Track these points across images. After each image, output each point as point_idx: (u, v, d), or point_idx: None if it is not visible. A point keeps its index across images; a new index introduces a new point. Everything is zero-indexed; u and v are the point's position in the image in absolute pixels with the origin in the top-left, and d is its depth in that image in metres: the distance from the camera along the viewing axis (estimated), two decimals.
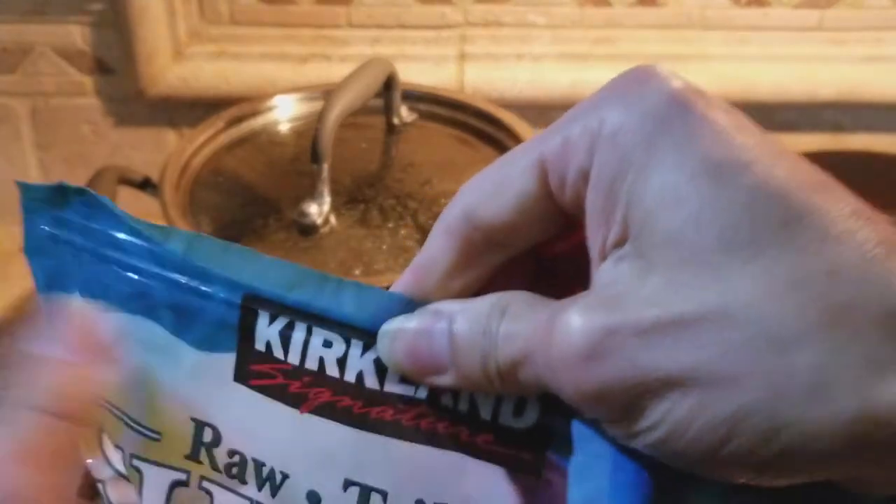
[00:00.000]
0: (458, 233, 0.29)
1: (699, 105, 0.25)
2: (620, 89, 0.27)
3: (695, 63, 0.94)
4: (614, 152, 0.26)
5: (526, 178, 0.28)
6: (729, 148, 0.25)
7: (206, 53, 0.95)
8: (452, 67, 0.94)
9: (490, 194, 0.28)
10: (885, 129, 0.98)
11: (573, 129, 0.27)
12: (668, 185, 0.25)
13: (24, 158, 0.99)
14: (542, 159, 0.27)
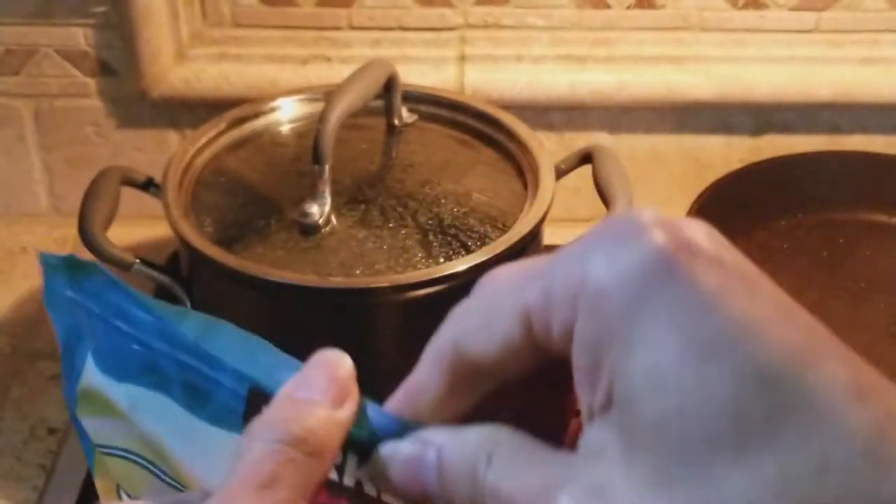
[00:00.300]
0: (448, 363, 0.29)
1: (685, 267, 0.25)
2: (605, 241, 0.26)
3: (692, 65, 0.95)
4: (597, 319, 0.25)
5: (511, 325, 0.28)
6: (714, 322, 0.24)
7: (209, 55, 0.95)
8: (452, 69, 0.95)
9: (478, 331, 0.29)
10: (882, 131, 0.98)
11: (555, 282, 0.26)
12: (652, 367, 0.24)
13: (27, 159, 1.00)
14: (526, 310, 0.27)
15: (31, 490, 0.75)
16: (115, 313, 0.36)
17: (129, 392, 0.36)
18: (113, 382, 0.37)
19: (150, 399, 0.35)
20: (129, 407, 0.36)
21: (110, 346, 0.36)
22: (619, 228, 0.26)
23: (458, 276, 0.68)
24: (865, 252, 0.93)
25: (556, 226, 0.89)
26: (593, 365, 0.25)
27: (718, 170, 0.97)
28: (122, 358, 0.36)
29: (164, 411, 0.35)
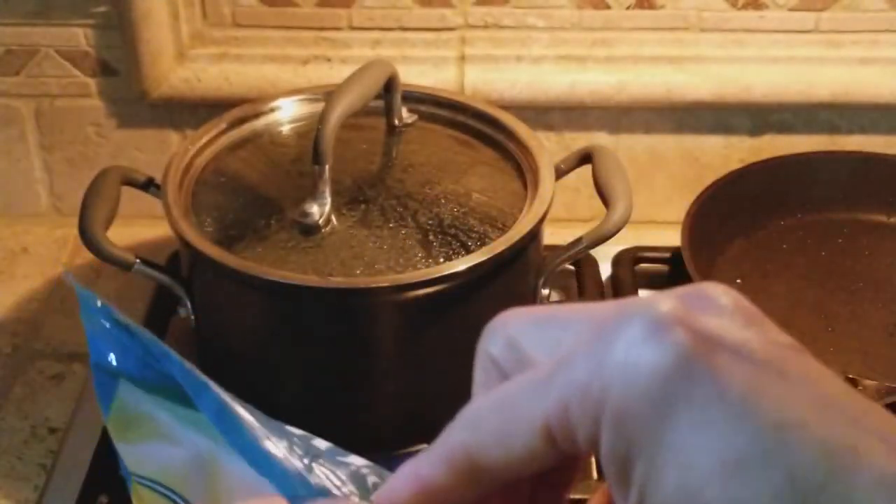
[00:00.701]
0: (458, 466, 0.28)
1: (709, 369, 0.24)
2: (620, 345, 0.25)
3: (692, 65, 0.95)
4: (621, 435, 0.24)
5: (532, 438, 0.26)
6: (744, 433, 0.23)
7: (209, 55, 0.95)
8: (452, 69, 0.95)
9: (493, 443, 0.27)
10: (881, 131, 0.99)
11: (573, 395, 0.25)
12: (683, 484, 0.23)
13: (28, 159, 1.00)
14: (546, 423, 0.26)
15: (32, 489, 0.75)
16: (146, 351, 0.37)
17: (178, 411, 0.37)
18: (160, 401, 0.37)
19: (199, 420, 0.36)
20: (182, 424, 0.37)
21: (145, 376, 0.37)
22: (634, 330, 0.25)
23: (458, 276, 0.69)
24: (864, 252, 0.94)
25: (555, 226, 0.89)
26: (623, 476, 0.25)
27: (718, 170, 0.97)
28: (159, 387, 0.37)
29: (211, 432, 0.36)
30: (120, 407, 0.39)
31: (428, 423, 0.76)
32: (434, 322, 0.71)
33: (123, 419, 0.39)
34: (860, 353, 0.84)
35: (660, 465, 0.24)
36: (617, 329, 0.25)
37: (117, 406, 0.39)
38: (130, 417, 0.39)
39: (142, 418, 0.39)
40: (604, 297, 0.90)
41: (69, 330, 0.89)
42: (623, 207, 0.75)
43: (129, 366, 0.38)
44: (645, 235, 0.96)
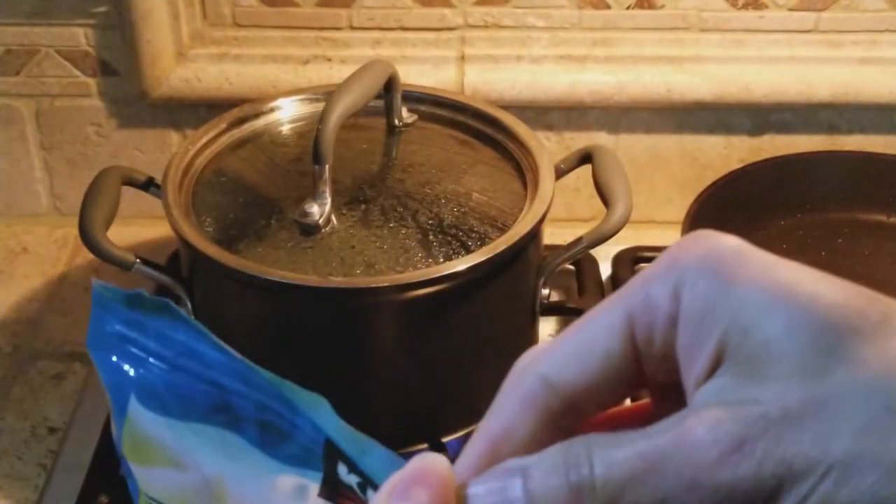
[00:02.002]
0: (538, 401, 0.28)
1: (751, 251, 0.28)
2: (686, 249, 0.28)
3: (691, 65, 0.95)
4: (699, 294, 0.27)
5: (612, 336, 0.28)
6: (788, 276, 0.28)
7: (209, 55, 0.95)
8: (452, 69, 0.95)
9: (572, 358, 0.28)
10: (880, 131, 0.99)
11: (653, 288, 0.28)
12: (757, 305, 0.26)
13: (28, 159, 1.00)
14: (629, 315, 0.28)
15: (32, 489, 0.75)
16: (181, 352, 0.35)
17: (194, 431, 0.36)
18: (172, 423, 0.36)
19: (218, 437, 0.35)
20: (194, 445, 0.36)
21: (173, 385, 0.36)
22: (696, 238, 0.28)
23: (458, 275, 0.69)
24: (864, 252, 0.94)
25: (555, 226, 0.89)
26: (700, 330, 0.27)
27: (718, 170, 0.97)
28: (186, 397, 0.35)
29: (231, 450, 0.35)
30: (130, 429, 0.38)
31: (428, 422, 0.76)
32: (434, 322, 0.71)
33: (135, 442, 0.39)
34: None
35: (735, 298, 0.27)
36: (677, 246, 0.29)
37: (128, 428, 0.38)
38: (140, 441, 0.38)
39: (150, 442, 0.38)
40: (604, 297, 0.89)
41: (69, 330, 0.89)
42: (623, 207, 0.75)
43: (150, 373, 0.37)
44: (645, 235, 0.96)
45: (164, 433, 0.37)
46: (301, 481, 0.34)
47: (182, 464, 0.37)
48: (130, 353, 0.37)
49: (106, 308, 0.37)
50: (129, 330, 0.37)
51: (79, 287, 0.94)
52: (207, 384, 0.35)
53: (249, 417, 0.35)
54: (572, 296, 0.92)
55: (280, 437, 0.34)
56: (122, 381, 0.37)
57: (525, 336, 0.79)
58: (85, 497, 0.73)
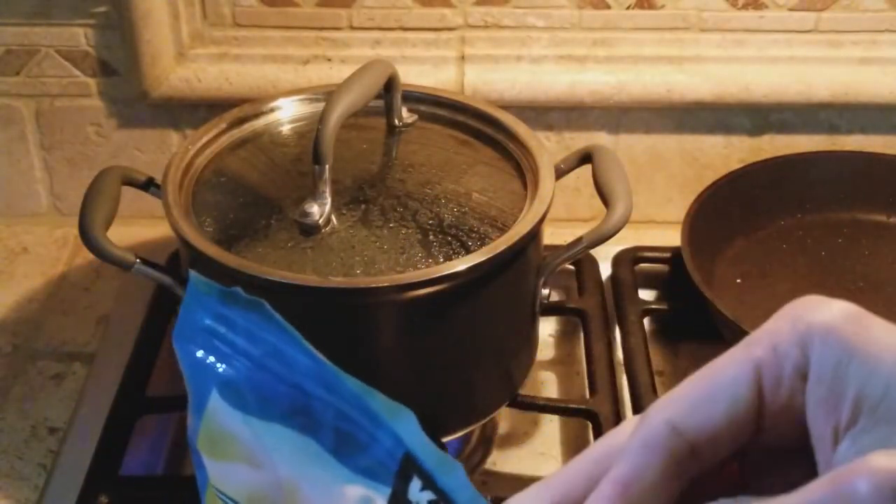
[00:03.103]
0: (664, 446, 0.29)
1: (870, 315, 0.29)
2: (809, 309, 0.29)
3: (691, 65, 0.95)
4: (832, 347, 0.28)
5: (740, 384, 0.29)
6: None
7: (209, 55, 0.95)
8: (452, 69, 0.95)
9: (699, 404, 0.29)
10: (880, 131, 0.99)
11: (780, 341, 0.29)
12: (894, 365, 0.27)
13: (28, 159, 1.00)
14: (757, 365, 0.29)
15: (32, 489, 0.75)
16: (268, 352, 0.35)
17: (272, 431, 0.36)
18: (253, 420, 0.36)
19: (294, 440, 0.35)
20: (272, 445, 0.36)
21: (257, 384, 0.36)
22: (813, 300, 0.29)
23: (458, 275, 0.69)
24: (864, 252, 0.94)
25: (555, 226, 0.89)
26: (834, 385, 0.28)
27: (718, 170, 0.97)
28: (268, 397, 0.36)
29: (306, 454, 0.35)
30: (208, 423, 0.38)
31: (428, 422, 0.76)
32: (434, 322, 0.71)
33: (211, 436, 0.39)
34: None
35: (872, 352, 0.27)
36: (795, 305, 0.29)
37: (206, 421, 0.38)
38: (217, 435, 0.38)
39: (227, 437, 0.38)
40: (604, 297, 0.90)
41: (69, 330, 0.89)
42: (623, 207, 0.75)
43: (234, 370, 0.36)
44: (645, 235, 0.96)
45: (243, 430, 0.37)
46: (368, 493, 0.34)
47: (258, 462, 0.37)
48: (217, 348, 0.37)
49: (199, 301, 0.37)
50: (219, 325, 0.37)
51: (79, 287, 0.94)
52: (290, 386, 0.35)
53: (328, 424, 0.35)
54: (572, 296, 0.92)
55: (355, 448, 0.35)
56: (206, 375, 0.37)
57: (525, 336, 0.79)
58: (85, 497, 0.73)
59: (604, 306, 0.89)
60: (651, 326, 0.90)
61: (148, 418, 0.81)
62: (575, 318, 0.90)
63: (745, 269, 0.92)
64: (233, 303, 0.36)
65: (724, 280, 0.90)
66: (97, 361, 0.86)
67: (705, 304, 0.82)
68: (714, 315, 0.81)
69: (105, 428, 0.78)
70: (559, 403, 0.82)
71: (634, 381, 0.81)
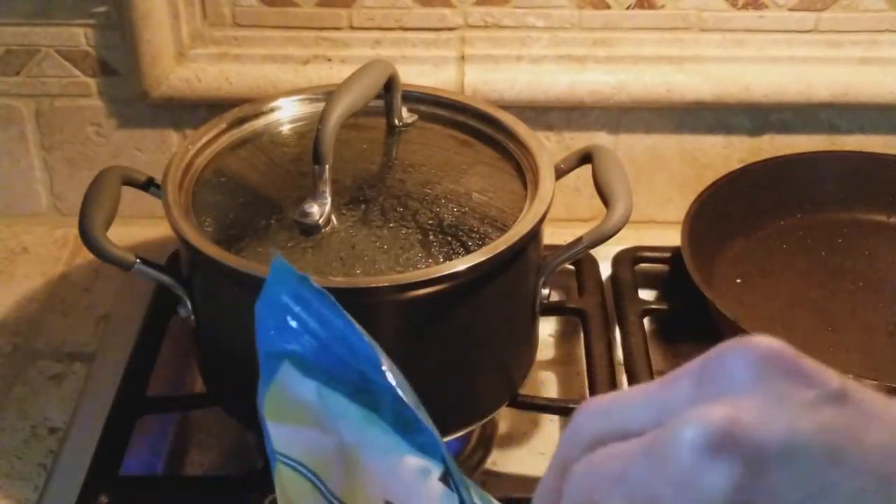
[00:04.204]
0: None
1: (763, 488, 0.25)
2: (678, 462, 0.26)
3: (691, 65, 0.95)
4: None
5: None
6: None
7: (209, 55, 0.95)
8: (452, 69, 0.95)
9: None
10: (880, 131, 0.99)
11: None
12: None
13: (28, 159, 1.00)
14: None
15: (32, 489, 0.75)
16: (336, 336, 0.38)
17: (339, 401, 0.38)
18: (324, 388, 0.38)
19: (360, 415, 0.38)
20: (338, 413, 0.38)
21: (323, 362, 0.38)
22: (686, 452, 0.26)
23: (458, 275, 0.69)
24: (864, 252, 0.94)
25: (555, 226, 0.89)
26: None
27: (718, 170, 0.97)
28: (334, 375, 0.38)
29: (370, 425, 0.38)
30: (277, 389, 0.40)
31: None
32: (434, 322, 0.71)
33: (279, 401, 0.40)
34: (860, 353, 0.84)
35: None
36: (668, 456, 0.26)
37: (275, 388, 0.40)
38: (286, 400, 0.40)
39: (296, 402, 0.40)
40: (604, 297, 0.90)
41: (69, 330, 0.89)
42: (623, 207, 0.75)
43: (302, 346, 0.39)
44: (645, 235, 0.96)
45: (313, 396, 0.40)
46: (426, 465, 0.36)
47: (325, 426, 0.39)
48: (291, 325, 0.39)
49: (280, 279, 0.40)
50: (295, 304, 0.39)
51: (79, 287, 0.94)
52: (353, 370, 0.38)
53: (388, 405, 0.37)
54: (572, 296, 0.92)
55: (412, 428, 0.37)
56: (278, 347, 0.39)
57: (525, 336, 0.79)
58: (85, 497, 0.73)
59: (604, 306, 0.89)
60: (651, 326, 0.90)
61: (148, 418, 0.81)
62: (575, 318, 0.90)
63: (745, 269, 0.92)
64: (308, 287, 0.39)
65: (724, 280, 0.90)
66: (97, 361, 0.86)
67: (705, 304, 0.82)
68: (714, 315, 0.81)
69: (105, 428, 0.78)
70: (559, 403, 0.82)
71: (634, 381, 0.81)
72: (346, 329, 0.38)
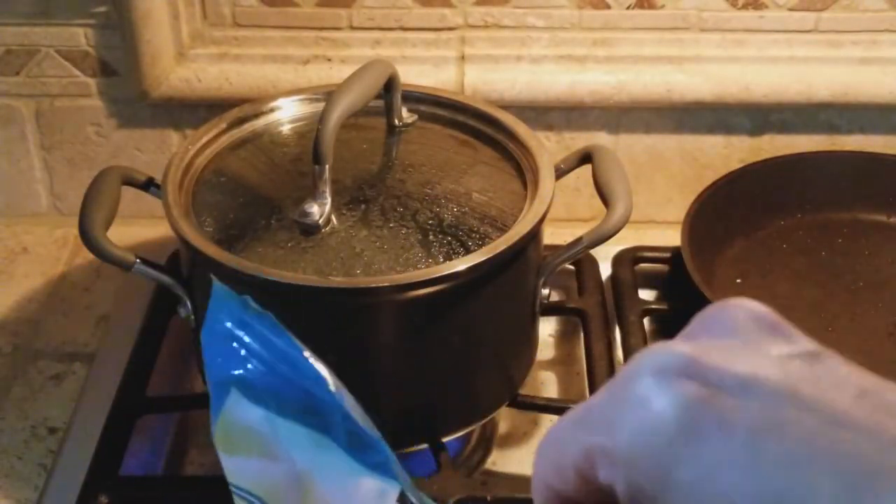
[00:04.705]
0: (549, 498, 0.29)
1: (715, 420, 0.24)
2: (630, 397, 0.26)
3: (691, 65, 0.95)
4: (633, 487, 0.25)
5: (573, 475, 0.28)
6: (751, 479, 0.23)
7: (209, 55, 0.95)
8: (452, 69, 0.95)
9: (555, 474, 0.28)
10: (880, 131, 0.99)
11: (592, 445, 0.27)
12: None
13: (28, 159, 1.00)
14: (577, 467, 0.27)
15: (32, 489, 0.75)
16: (280, 357, 0.38)
17: (288, 427, 0.38)
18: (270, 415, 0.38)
19: (310, 436, 0.37)
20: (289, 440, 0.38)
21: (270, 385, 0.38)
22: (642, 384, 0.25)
23: (458, 275, 0.69)
24: (864, 252, 0.94)
25: (555, 226, 0.89)
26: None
27: (718, 170, 0.97)
28: (282, 397, 0.38)
29: (322, 448, 0.37)
30: (227, 418, 0.40)
31: (428, 422, 0.76)
32: (434, 322, 0.71)
33: (229, 431, 0.40)
34: (860, 353, 0.84)
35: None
36: (629, 380, 0.26)
37: (224, 417, 0.40)
38: (236, 429, 0.40)
39: (246, 431, 0.39)
40: (604, 297, 0.90)
41: (69, 330, 0.89)
42: (623, 207, 0.75)
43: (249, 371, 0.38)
44: (645, 235, 0.96)
45: (261, 424, 0.39)
46: (383, 485, 0.36)
47: (276, 455, 0.39)
48: (236, 351, 0.39)
49: (221, 305, 0.39)
50: (238, 329, 0.39)
51: (79, 287, 0.94)
52: (300, 389, 0.37)
53: (338, 424, 0.37)
54: (572, 296, 0.92)
55: (365, 446, 0.37)
56: (225, 375, 0.39)
57: (525, 336, 0.79)
58: (85, 497, 0.73)
59: (604, 306, 0.89)
60: (651, 326, 0.90)
61: (148, 418, 0.81)
62: (575, 318, 0.90)
63: (745, 269, 0.92)
64: (249, 309, 0.38)
65: (724, 280, 0.90)
66: (97, 361, 0.86)
67: (705, 304, 0.82)
68: None
69: (105, 428, 0.78)
70: (559, 403, 0.82)
71: None
72: (291, 350, 0.37)
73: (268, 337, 0.38)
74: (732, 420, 0.24)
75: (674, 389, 0.25)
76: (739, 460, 0.23)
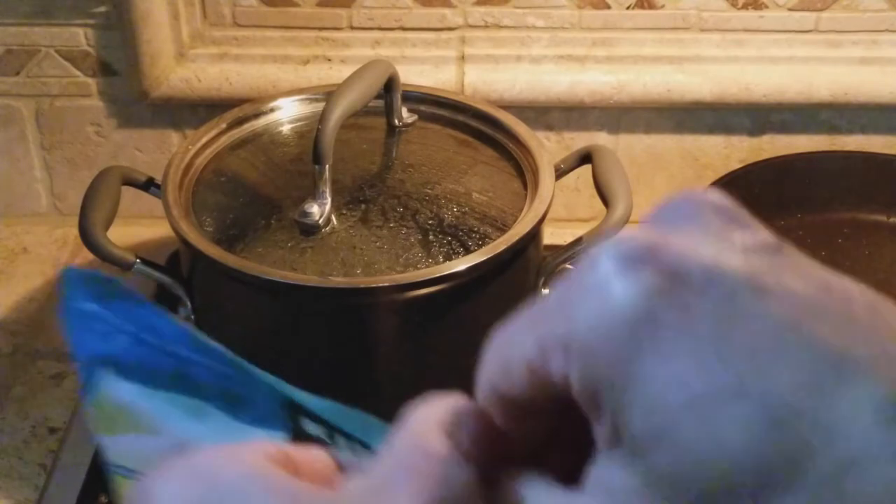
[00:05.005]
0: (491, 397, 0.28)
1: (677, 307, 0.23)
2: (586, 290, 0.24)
3: (691, 65, 0.95)
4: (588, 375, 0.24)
5: (523, 371, 0.26)
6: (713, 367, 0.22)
7: (209, 55, 0.95)
8: (452, 69, 0.95)
9: (502, 372, 0.27)
10: (880, 131, 0.99)
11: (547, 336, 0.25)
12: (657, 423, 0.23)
13: (28, 159, 1.00)
14: (529, 362, 0.26)
15: (32, 489, 0.75)
16: (143, 327, 0.37)
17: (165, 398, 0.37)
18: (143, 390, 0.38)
19: (186, 404, 0.37)
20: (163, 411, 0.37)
21: (139, 357, 0.37)
22: (601, 270, 0.24)
23: (458, 275, 0.69)
24: (864, 251, 0.94)
25: (555, 225, 0.89)
26: (594, 411, 0.24)
27: (718, 170, 0.97)
28: (153, 368, 0.37)
29: (199, 414, 0.37)
30: (101, 399, 0.40)
31: None
32: (434, 322, 0.71)
33: (104, 411, 0.40)
34: None
35: (627, 404, 0.23)
36: (587, 270, 0.25)
37: (98, 398, 0.40)
38: (109, 410, 0.39)
39: (121, 409, 0.39)
40: None
41: None
42: (623, 207, 0.75)
43: (115, 347, 0.38)
44: None
45: (136, 400, 0.38)
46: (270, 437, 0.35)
47: (155, 429, 0.38)
48: (98, 328, 0.38)
49: (73, 286, 0.39)
50: (96, 303, 0.39)
51: None
52: (168, 355, 0.37)
53: (211, 385, 0.36)
54: None
55: (242, 403, 0.36)
56: (93, 355, 0.38)
57: None
58: (85, 497, 0.73)
59: None
60: None
61: None
62: None
63: None
64: (102, 282, 0.38)
65: None
66: None
67: None
68: None
69: None
70: None
71: None
72: (152, 316, 0.37)
73: (130, 309, 0.37)
74: (695, 309, 0.23)
75: (636, 276, 0.24)
76: (702, 350, 0.22)
